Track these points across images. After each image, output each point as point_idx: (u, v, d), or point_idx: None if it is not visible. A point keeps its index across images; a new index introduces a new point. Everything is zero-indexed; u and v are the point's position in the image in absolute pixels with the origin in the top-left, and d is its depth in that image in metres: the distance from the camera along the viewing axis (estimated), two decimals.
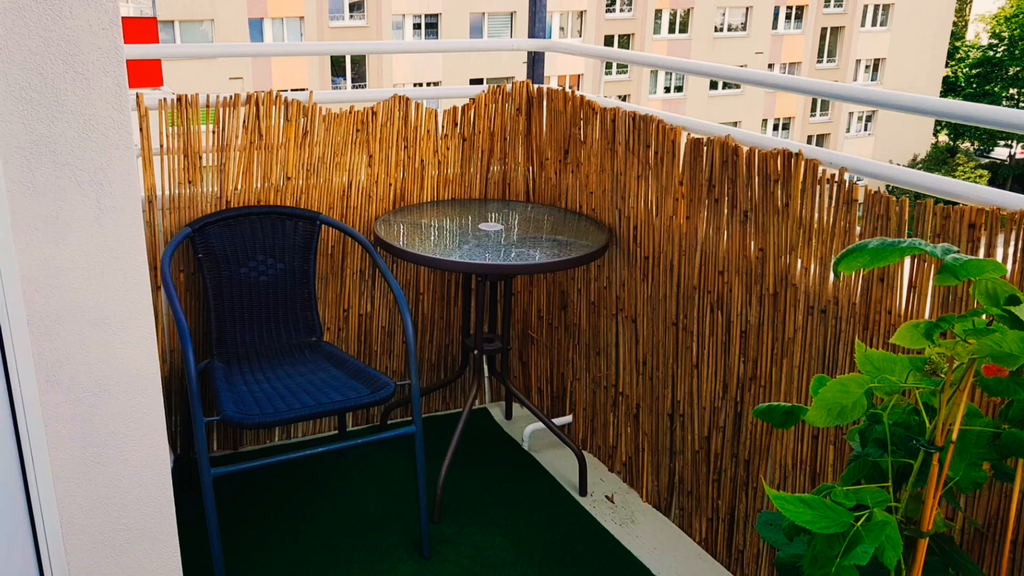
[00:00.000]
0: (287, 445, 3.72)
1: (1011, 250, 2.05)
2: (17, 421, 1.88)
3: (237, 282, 3.26)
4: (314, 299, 3.39)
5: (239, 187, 3.30)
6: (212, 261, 3.22)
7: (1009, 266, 2.06)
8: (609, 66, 31.37)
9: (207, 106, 3.16)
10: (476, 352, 3.46)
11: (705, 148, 2.85)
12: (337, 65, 28.34)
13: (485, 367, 3.96)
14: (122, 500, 2.11)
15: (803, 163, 2.53)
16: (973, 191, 2.20)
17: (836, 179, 2.45)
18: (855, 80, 34.70)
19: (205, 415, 2.75)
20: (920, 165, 34.76)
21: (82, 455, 2.03)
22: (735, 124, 29.38)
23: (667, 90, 32.65)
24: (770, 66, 33.13)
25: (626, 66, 31.26)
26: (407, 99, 3.52)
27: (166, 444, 2.14)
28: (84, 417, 2.00)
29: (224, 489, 3.33)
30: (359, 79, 28.82)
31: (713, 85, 32.24)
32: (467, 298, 3.73)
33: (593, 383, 3.61)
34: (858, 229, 2.40)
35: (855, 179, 2.43)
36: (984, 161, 38.93)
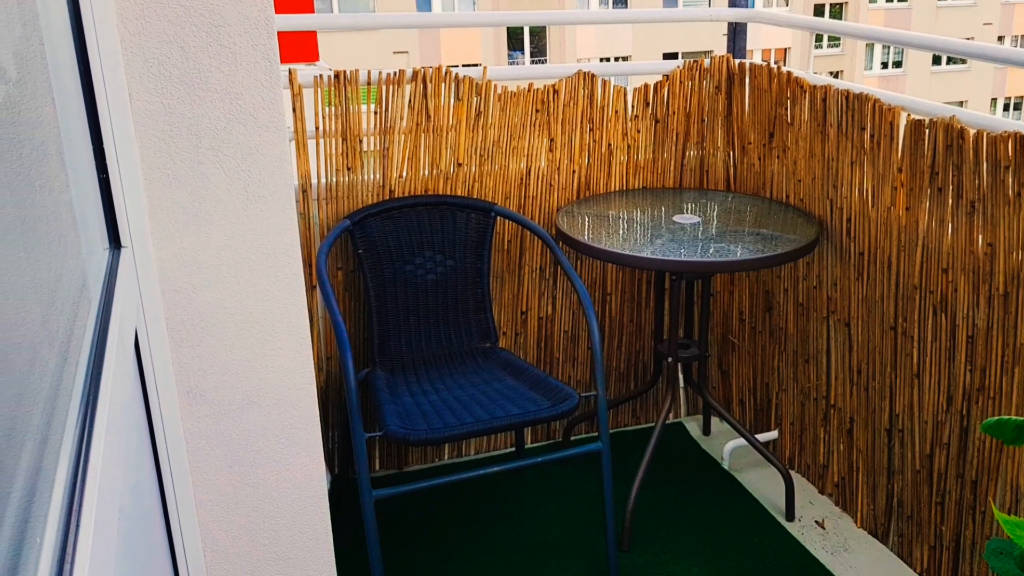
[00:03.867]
0: (457, 464, 3.74)
1: None
2: (155, 438, 1.88)
3: (402, 281, 3.27)
4: (488, 300, 3.39)
5: (404, 174, 3.32)
6: (373, 257, 3.24)
7: None
8: (819, 39, 31.20)
9: (368, 83, 3.19)
10: (670, 359, 3.46)
11: (927, 131, 2.82)
12: (514, 38, 28.72)
13: (680, 376, 3.92)
14: (273, 526, 2.11)
15: None
16: None
17: None
18: None
19: (366, 430, 2.76)
20: None
21: (228, 476, 2.03)
22: (961, 104, 28.79)
23: (884, 66, 32.54)
24: (1000, 39, 32.75)
25: (838, 39, 30.78)
26: (592, 76, 3.49)
27: (322, 463, 2.14)
28: (230, 433, 2.00)
29: (387, 512, 3.37)
30: (539, 53, 29.13)
31: (936, 60, 31.84)
32: (660, 299, 3.70)
33: (801, 394, 3.57)
34: None
35: None
36: None
